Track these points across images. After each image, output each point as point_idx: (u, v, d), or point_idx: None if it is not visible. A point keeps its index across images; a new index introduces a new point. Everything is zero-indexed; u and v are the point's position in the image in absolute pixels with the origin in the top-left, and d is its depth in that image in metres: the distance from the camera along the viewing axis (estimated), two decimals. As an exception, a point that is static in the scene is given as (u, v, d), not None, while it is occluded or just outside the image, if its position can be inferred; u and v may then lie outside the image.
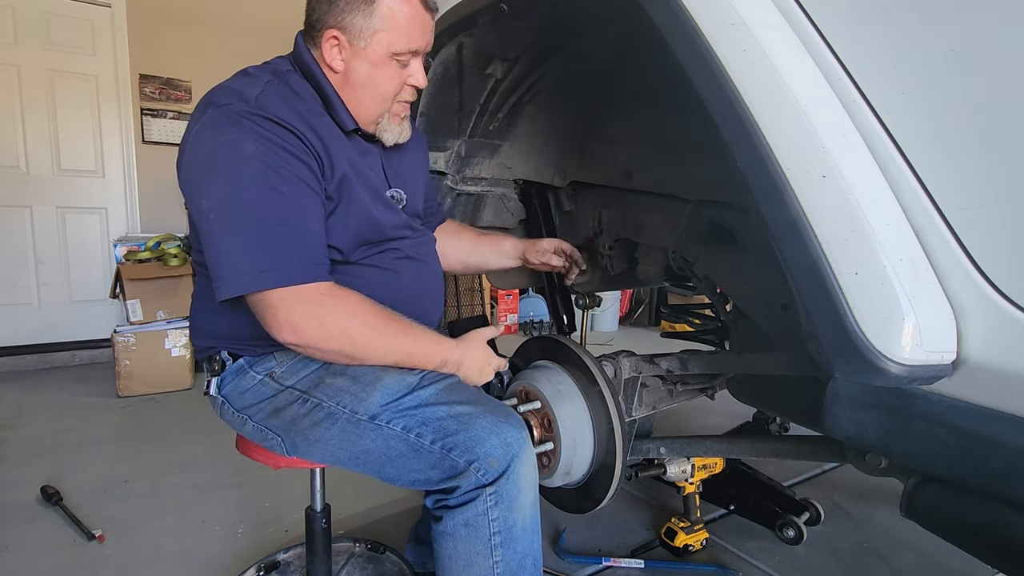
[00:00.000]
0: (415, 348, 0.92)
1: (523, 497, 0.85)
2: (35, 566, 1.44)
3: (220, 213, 0.83)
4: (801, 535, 1.50)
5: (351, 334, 0.86)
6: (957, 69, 0.62)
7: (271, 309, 0.83)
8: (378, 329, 0.88)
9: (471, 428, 0.84)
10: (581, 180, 1.63)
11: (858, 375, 0.68)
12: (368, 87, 0.95)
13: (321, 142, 0.90)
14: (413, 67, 0.96)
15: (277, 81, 0.92)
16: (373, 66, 0.93)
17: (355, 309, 0.87)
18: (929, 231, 0.66)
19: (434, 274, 1.12)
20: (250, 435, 1.00)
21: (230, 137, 0.83)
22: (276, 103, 0.87)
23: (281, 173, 0.84)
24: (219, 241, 0.83)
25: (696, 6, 0.73)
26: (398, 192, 1.06)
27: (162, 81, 3.52)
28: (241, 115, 0.84)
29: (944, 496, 0.73)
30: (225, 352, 1.00)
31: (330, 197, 0.92)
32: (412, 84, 0.98)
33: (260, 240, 0.83)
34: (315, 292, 0.84)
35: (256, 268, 0.82)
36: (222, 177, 0.83)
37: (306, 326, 0.83)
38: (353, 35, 0.91)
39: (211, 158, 0.84)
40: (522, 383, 1.15)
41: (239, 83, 0.89)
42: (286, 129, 0.86)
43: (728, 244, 1.13)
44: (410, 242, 1.06)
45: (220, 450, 2.14)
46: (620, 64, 1.26)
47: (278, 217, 0.83)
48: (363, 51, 0.92)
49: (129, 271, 2.86)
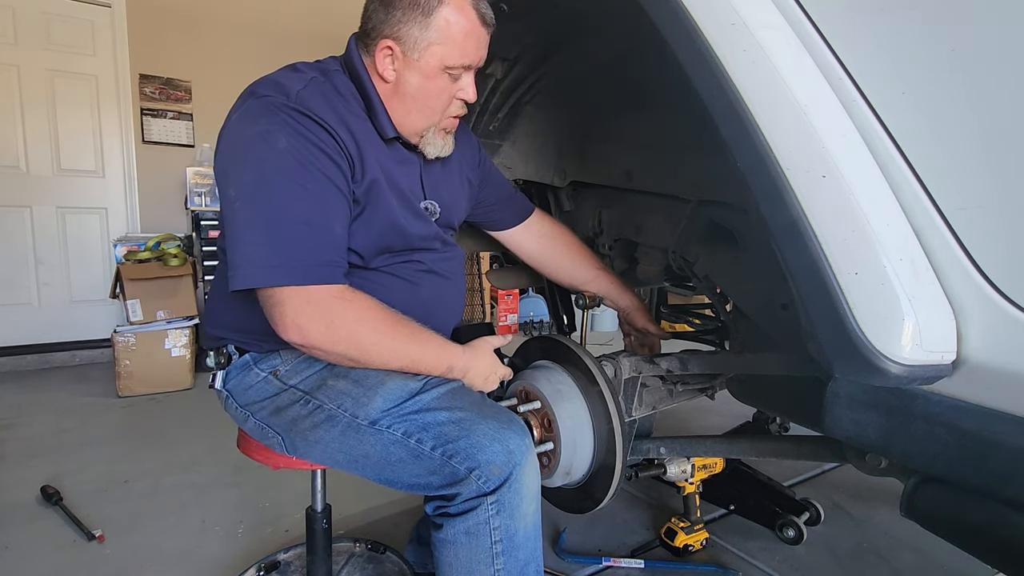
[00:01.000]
0: (421, 354, 0.90)
1: (525, 505, 0.85)
2: (35, 566, 1.44)
3: (244, 203, 0.83)
4: (801, 535, 1.50)
5: (357, 338, 0.85)
6: (957, 69, 0.62)
7: (279, 307, 0.83)
8: (385, 335, 0.87)
9: (472, 434, 0.83)
10: (581, 180, 1.63)
11: (858, 375, 0.68)
12: (418, 99, 0.94)
13: (356, 144, 0.90)
14: (464, 81, 0.95)
15: (323, 79, 0.91)
16: (425, 78, 0.92)
17: (364, 314, 0.86)
18: (929, 231, 0.66)
19: (456, 290, 1.11)
20: (251, 431, 1.00)
21: (264, 128, 0.83)
22: (316, 100, 0.87)
23: (310, 170, 0.84)
24: (240, 232, 0.83)
25: (696, 6, 0.73)
26: (432, 204, 1.05)
27: (162, 81, 3.52)
28: (279, 108, 0.84)
29: (944, 496, 0.73)
30: (232, 346, 1.00)
31: (357, 201, 0.91)
32: (462, 98, 0.97)
33: (278, 235, 0.82)
34: (325, 294, 0.84)
35: (269, 263, 0.82)
36: (251, 167, 0.83)
37: (312, 327, 0.82)
38: (408, 46, 0.90)
39: (243, 147, 0.84)
40: (522, 383, 1.15)
41: (284, 76, 0.89)
42: (321, 127, 0.86)
43: (728, 244, 1.13)
44: (436, 255, 1.05)
45: (220, 450, 2.14)
46: (620, 64, 1.26)
47: (300, 214, 0.83)
48: (416, 63, 0.91)
49: (129, 271, 2.86)
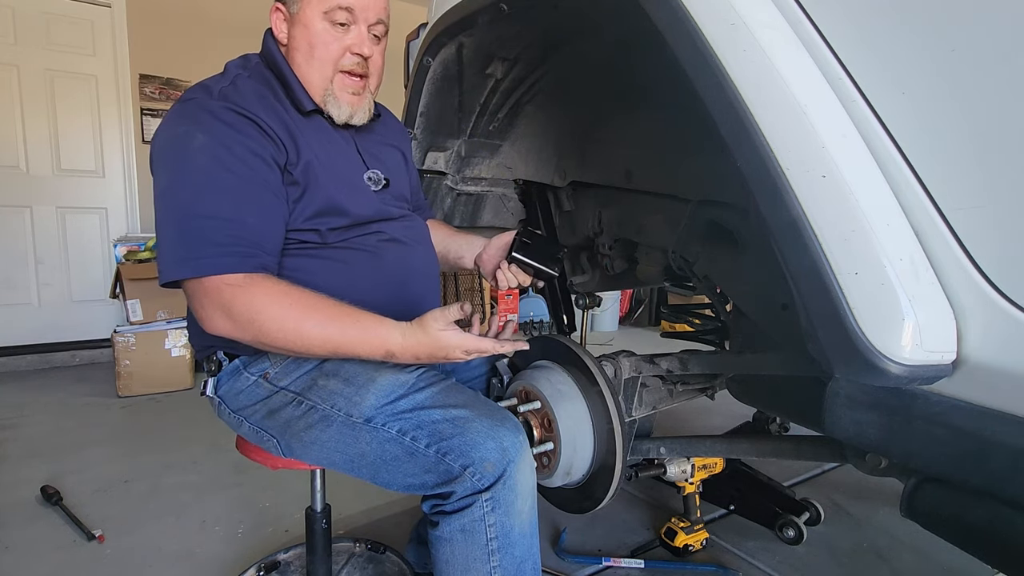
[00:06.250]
0: (343, 338, 0.84)
1: (520, 502, 0.85)
2: (35, 566, 1.44)
3: (160, 202, 0.86)
4: (801, 535, 1.50)
5: (259, 324, 0.82)
6: (957, 69, 0.62)
7: (190, 300, 0.87)
8: (290, 319, 0.83)
9: (466, 432, 0.83)
10: (581, 180, 1.63)
11: (858, 375, 0.68)
12: (303, 50, 0.96)
13: (286, 129, 0.92)
14: (354, 33, 0.96)
15: (247, 74, 0.94)
16: (306, 28, 0.94)
17: (265, 299, 0.83)
18: (929, 231, 0.66)
19: (422, 256, 1.10)
20: (247, 436, 1.00)
21: (184, 129, 0.86)
22: (243, 94, 0.90)
23: (226, 165, 0.85)
24: (158, 230, 0.87)
25: (696, 6, 0.73)
26: (375, 173, 1.05)
27: (162, 81, 3.52)
28: (201, 108, 0.87)
29: (944, 496, 0.73)
30: (221, 352, 1.00)
31: (296, 182, 0.93)
32: (355, 51, 0.97)
33: (185, 230, 0.84)
34: (219, 283, 0.83)
35: (177, 257, 0.84)
36: (168, 167, 0.87)
37: (213, 317, 0.84)
38: (289, 3, 0.95)
39: (163, 149, 0.88)
40: (522, 383, 1.15)
41: (211, 79, 0.93)
42: (245, 118, 0.88)
43: (728, 244, 1.13)
44: (396, 224, 1.05)
45: (220, 450, 2.14)
46: (620, 64, 1.26)
47: (208, 208, 0.84)
48: (298, 16, 0.94)
49: (129, 271, 2.86)
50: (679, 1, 0.73)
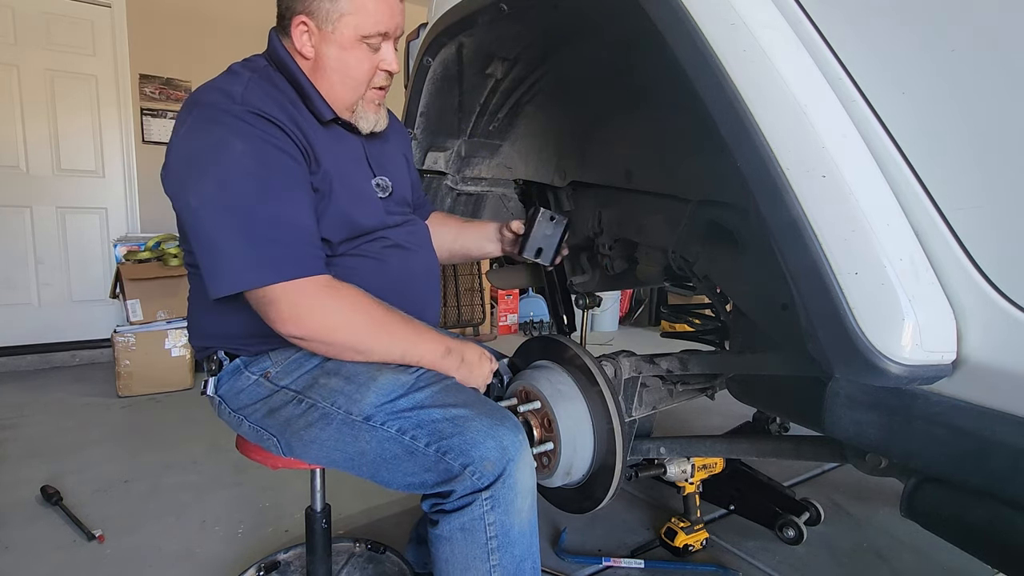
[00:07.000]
0: (419, 339, 0.93)
1: (520, 501, 0.85)
2: (35, 566, 1.44)
3: (210, 211, 0.83)
4: (801, 535, 1.50)
5: (355, 326, 0.88)
6: (957, 69, 0.62)
7: (274, 304, 0.84)
8: (380, 321, 0.90)
9: (466, 431, 0.83)
10: (581, 180, 1.62)
11: (858, 375, 0.68)
12: (339, 71, 0.95)
13: (304, 136, 0.91)
14: (384, 51, 0.96)
15: (258, 77, 0.93)
16: (342, 50, 0.93)
17: (357, 302, 0.89)
18: (929, 231, 0.66)
19: (424, 260, 1.11)
20: (247, 435, 1.00)
21: (218, 135, 0.84)
22: (261, 98, 0.88)
23: (271, 168, 0.85)
24: (212, 239, 0.84)
25: (696, 6, 0.73)
26: (383, 180, 1.06)
27: (162, 81, 3.53)
28: (228, 112, 0.85)
29: (944, 496, 0.73)
30: (222, 352, 1.00)
31: (317, 189, 0.93)
32: (384, 69, 0.98)
33: (253, 235, 0.83)
34: (315, 285, 0.85)
35: (253, 264, 0.83)
36: (212, 175, 0.83)
37: (309, 319, 0.84)
38: (320, 19, 0.91)
39: (199, 157, 0.85)
40: (522, 383, 1.15)
41: (223, 81, 0.91)
42: (273, 124, 0.87)
43: (728, 244, 1.13)
44: (399, 231, 1.06)
45: (220, 450, 2.14)
46: (620, 64, 1.26)
47: (269, 213, 0.84)
48: (331, 35, 0.92)
49: (129, 271, 2.86)
50: (679, 1, 0.73)
